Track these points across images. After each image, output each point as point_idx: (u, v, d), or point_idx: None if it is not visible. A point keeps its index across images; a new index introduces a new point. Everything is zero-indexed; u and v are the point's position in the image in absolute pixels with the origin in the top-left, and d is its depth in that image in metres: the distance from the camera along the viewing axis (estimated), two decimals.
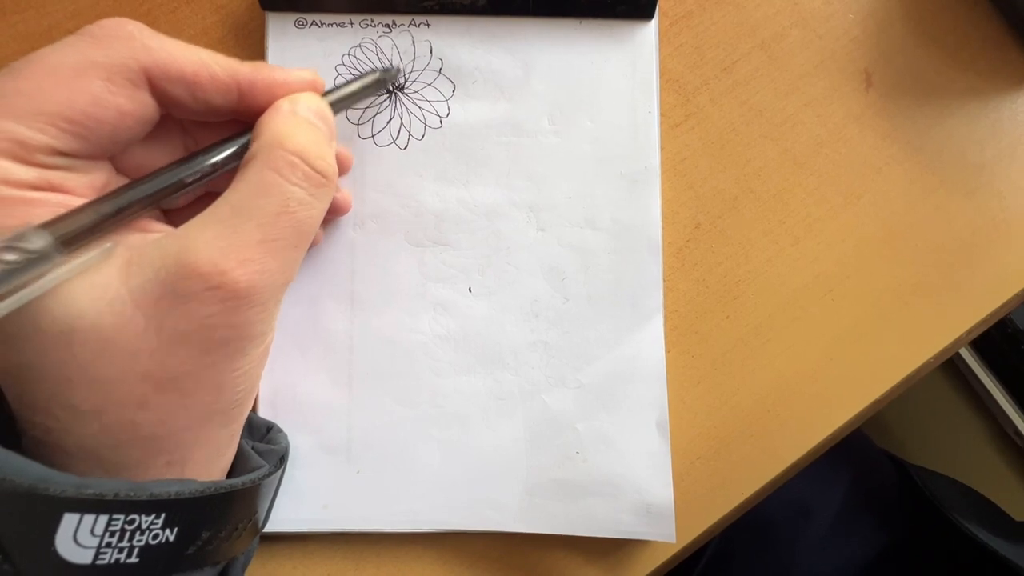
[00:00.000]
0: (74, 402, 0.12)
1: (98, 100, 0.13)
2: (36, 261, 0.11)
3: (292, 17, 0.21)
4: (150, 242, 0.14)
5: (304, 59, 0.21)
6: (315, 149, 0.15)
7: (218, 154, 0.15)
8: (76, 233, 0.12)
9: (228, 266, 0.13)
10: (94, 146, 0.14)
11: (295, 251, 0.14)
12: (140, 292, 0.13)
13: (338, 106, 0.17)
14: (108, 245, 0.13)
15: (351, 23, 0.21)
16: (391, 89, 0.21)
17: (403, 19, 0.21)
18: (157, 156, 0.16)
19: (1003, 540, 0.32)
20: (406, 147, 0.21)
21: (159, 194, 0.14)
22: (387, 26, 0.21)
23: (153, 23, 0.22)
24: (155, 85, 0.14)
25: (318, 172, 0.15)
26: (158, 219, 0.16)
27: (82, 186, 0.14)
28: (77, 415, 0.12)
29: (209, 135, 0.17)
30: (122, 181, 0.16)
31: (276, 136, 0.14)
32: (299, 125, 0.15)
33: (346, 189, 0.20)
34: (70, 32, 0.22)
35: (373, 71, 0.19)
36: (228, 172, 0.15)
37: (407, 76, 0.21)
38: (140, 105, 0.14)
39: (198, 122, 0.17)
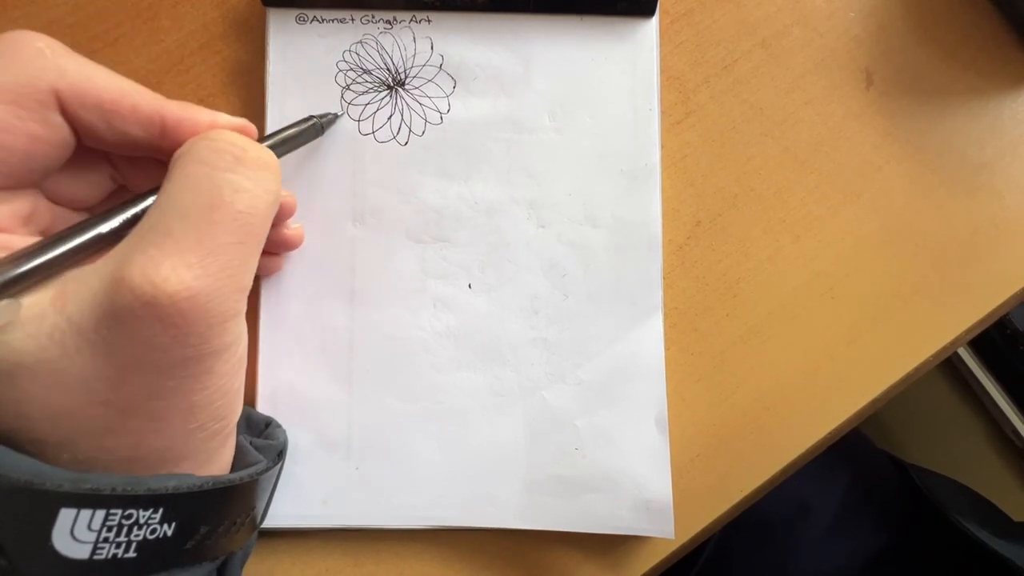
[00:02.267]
0: (39, 437, 0.12)
1: (6, 127, 0.12)
2: None
3: (293, 13, 0.21)
4: (87, 267, 0.12)
5: (305, 55, 0.21)
6: (242, 139, 0.13)
7: (145, 201, 0.13)
8: None
9: (161, 275, 0.11)
10: (7, 176, 0.13)
11: (242, 250, 0.13)
12: (80, 318, 0.12)
13: (275, 151, 0.16)
14: (4, 303, 0.11)
15: (352, 19, 0.21)
16: (391, 85, 0.21)
17: (404, 15, 0.21)
18: (83, 185, 0.15)
19: (1002, 540, 0.32)
20: (407, 143, 0.21)
21: (73, 253, 0.12)
22: (388, 22, 0.21)
23: (154, 18, 0.22)
24: (67, 109, 0.13)
25: (252, 155, 0.13)
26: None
27: (3, 217, 0.13)
28: (47, 447, 0.12)
29: (134, 170, 0.16)
30: (54, 208, 0.15)
31: (199, 136, 0.13)
32: (224, 131, 0.14)
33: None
34: (71, 27, 0.22)
35: (309, 117, 0.19)
36: None
37: (408, 72, 0.21)
38: (53, 130, 0.13)
39: (125, 156, 0.15)
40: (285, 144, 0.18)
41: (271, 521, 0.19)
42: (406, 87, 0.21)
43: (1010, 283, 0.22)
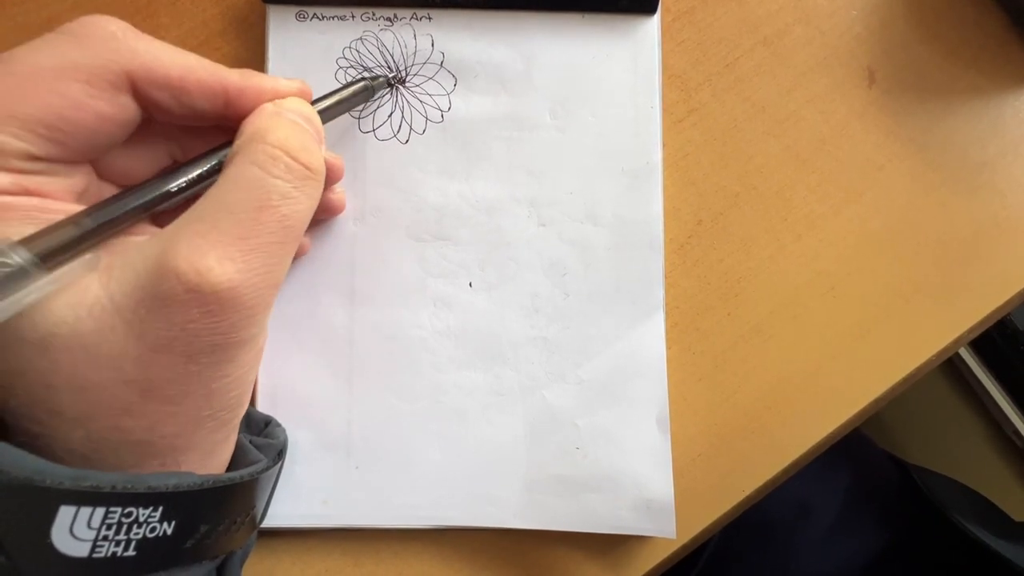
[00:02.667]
0: (59, 409, 0.12)
1: (77, 104, 0.13)
2: (14, 276, 0.11)
3: (293, 10, 0.21)
4: (133, 246, 0.13)
5: (305, 52, 0.21)
6: (297, 143, 0.14)
7: (204, 164, 0.14)
8: (56, 248, 0.12)
9: (206, 264, 0.12)
10: (72, 151, 0.13)
11: (281, 249, 0.14)
12: (121, 297, 0.12)
13: (326, 113, 0.17)
14: (88, 257, 0.12)
15: (352, 16, 0.21)
16: (392, 83, 0.21)
17: (404, 12, 0.21)
18: (139, 162, 0.16)
19: (1003, 540, 0.32)
20: (407, 141, 0.21)
21: (143, 207, 0.14)
22: (388, 19, 0.21)
23: (153, 15, 0.22)
24: (138, 89, 0.14)
25: (302, 164, 0.14)
26: (146, 222, 0.16)
27: (61, 190, 0.14)
28: (63, 421, 0.12)
29: (194, 141, 0.16)
30: (103, 185, 0.15)
31: (257, 131, 0.14)
32: (281, 122, 0.15)
33: (342, 188, 0.20)
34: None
35: (361, 78, 0.19)
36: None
37: (408, 70, 0.21)
38: (121, 109, 0.14)
39: (182, 127, 0.16)
40: (338, 106, 0.18)
41: (271, 520, 0.19)
42: (407, 84, 0.21)
43: (1012, 282, 0.22)
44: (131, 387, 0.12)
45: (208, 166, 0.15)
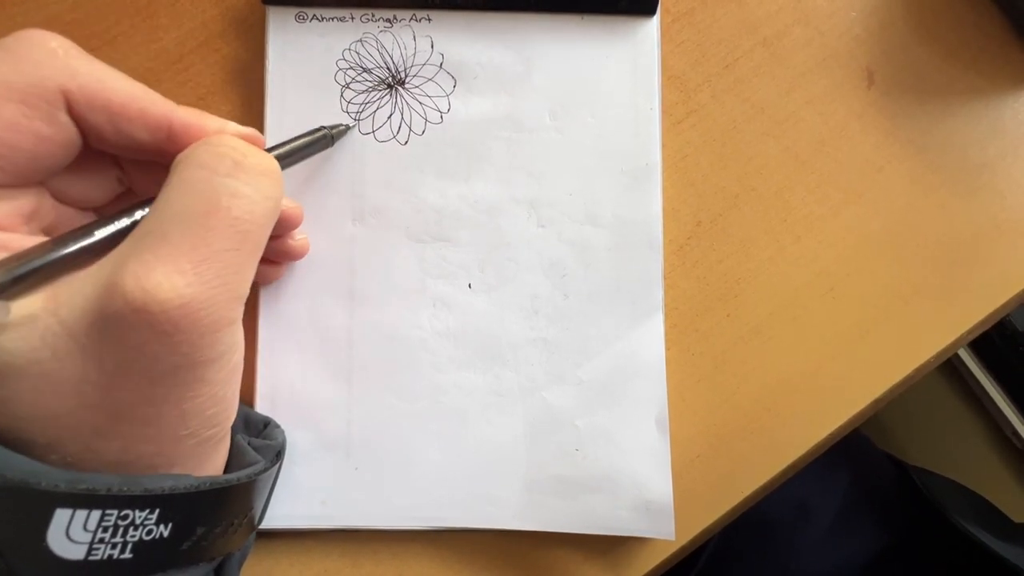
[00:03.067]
0: (28, 438, 0.12)
1: (13, 125, 0.12)
2: None
3: (293, 11, 0.21)
4: (84, 270, 0.12)
5: (305, 54, 0.21)
6: (245, 144, 0.13)
7: (143, 208, 0.13)
8: None
9: (153, 281, 0.11)
10: (12, 174, 0.13)
11: (237, 257, 0.12)
12: (72, 322, 0.11)
13: (283, 161, 0.16)
14: None
15: (352, 17, 0.21)
16: (391, 84, 0.21)
17: (404, 14, 0.21)
18: (94, 189, 0.15)
19: (1002, 541, 0.32)
20: (407, 143, 0.21)
21: (68, 259, 0.12)
22: (388, 21, 0.21)
23: (153, 16, 0.22)
24: (74, 110, 0.13)
25: (252, 161, 0.13)
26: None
27: (6, 215, 0.13)
28: (35, 447, 0.12)
29: (139, 173, 0.16)
30: (60, 207, 0.15)
31: (201, 140, 0.13)
32: (227, 134, 0.14)
33: (303, 234, 0.20)
34: (69, 25, 0.22)
35: (319, 128, 0.19)
36: None
37: (408, 71, 0.21)
38: (60, 129, 0.13)
39: (130, 159, 0.15)
40: (293, 155, 0.17)
41: (269, 522, 0.19)
42: (406, 86, 0.21)
43: (1012, 283, 0.22)
44: (97, 411, 0.12)
45: (147, 211, 0.13)
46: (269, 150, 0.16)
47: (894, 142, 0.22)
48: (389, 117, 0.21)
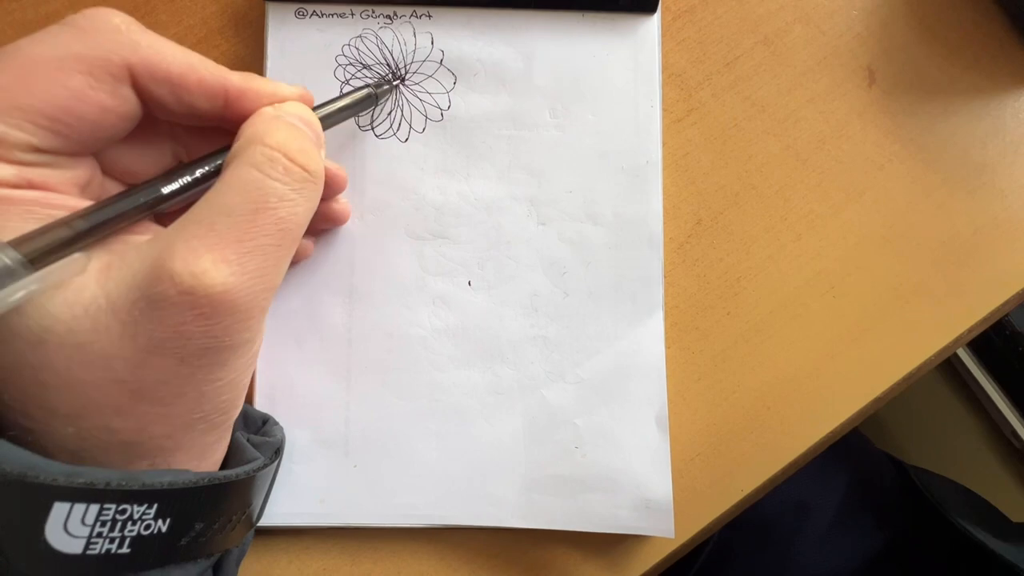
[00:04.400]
0: (50, 405, 0.12)
1: (79, 95, 0.13)
2: (2, 278, 0.11)
3: (292, 7, 0.21)
4: (132, 246, 0.13)
5: (304, 50, 0.21)
6: (296, 145, 0.14)
7: (202, 167, 0.14)
8: (47, 248, 0.12)
9: (201, 267, 0.12)
10: (75, 142, 0.13)
11: (277, 252, 0.13)
12: (117, 297, 0.12)
13: (328, 120, 0.17)
14: (76, 256, 0.12)
15: (352, 13, 0.21)
16: (394, 87, 0.21)
17: (404, 10, 0.21)
18: (143, 159, 0.16)
19: (1001, 541, 0.32)
20: (407, 140, 0.21)
21: (137, 209, 0.13)
22: (388, 17, 0.21)
23: (152, 12, 0.22)
24: (138, 83, 0.14)
25: (300, 166, 0.14)
26: (149, 221, 0.16)
27: (64, 182, 0.13)
28: (54, 417, 0.12)
29: (197, 141, 0.16)
30: (107, 181, 0.15)
31: (255, 134, 0.14)
32: (280, 125, 0.14)
33: (346, 198, 0.20)
34: None
35: (365, 85, 0.19)
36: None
37: (408, 68, 0.21)
38: (123, 101, 0.14)
39: (187, 128, 0.16)
40: (340, 113, 0.18)
41: (268, 519, 0.19)
42: (406, 83, 0.21)
43: (1011, 283, 0.22)
44: (122, 387, 0.12)
45: (206, 169, 0.15)
46: (315, 109, 0.17)
47: (895, 141, 0.22)
48: (389, 114, 0.21)
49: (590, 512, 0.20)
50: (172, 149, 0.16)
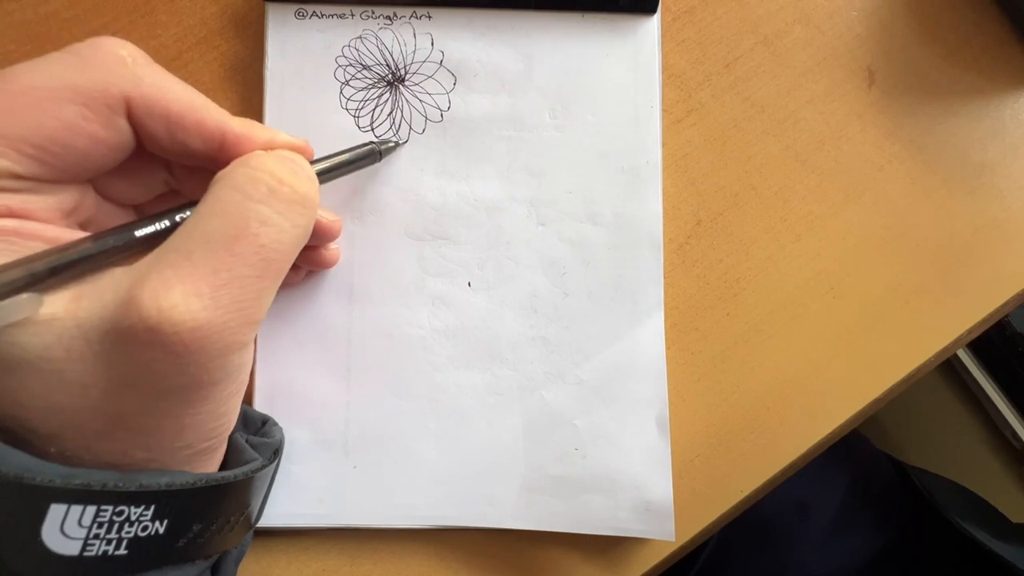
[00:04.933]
0: (33, 427, 0.12)
1: (70, 126, 0.12)
2: None
3: (292, 8, 0.20)
4: (108, 273, 0.12)
5: (304, 50, 0.20)
6: (283, 168, 0.13)
7: (186, 210, 0.14)
8: (2, 292, 0.11)
9: (170, 302, 0.11)
10: (60, 171, 0.13)
11: (258, 284, 0.12)
12: (88, 327, 0.12)
13: (327, 175, 0.17)
14: (25, 297, 0.11)
15: (352, 14, 0.21)
16: (391, 81, 0.21)
17: (404, 11, 0.21)
18: (136, 187, 0.15)
19: (1000, 541, 0.32)
20: (406, 140, 0.21)
21: (105, 255, 0.12)
22: (388, 18, 0.21)
23: (151, 12, 0.22)
24: (134, 116, 0.13)
25: (288, 187, 0.13)
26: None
27: (45, 210, 0.13)
28: (36, 437, 0.12)
29: (191, 180, 0.16)
30: (102, 204, 0.15)
31: (241, 160, 0.13)
32: (269, 153, 0.14)
33: (336, 245, 0.20)
34: (68, 22, 0.22)
35: (368, 143, 0.19)
36: None
37: (408, 68, 0.21)
38: (116, 133, 0.13)
39: (181, 164, 0.16)
40: (337, 169, 0.17)
41: (267, 520, 0.19)
42: (406, 83, 0.21)
43: (1011, 283, 0.22)
44: (100, 414, 0.12)
45: (187, 214, 0.14)
46: (314, 162, 0.16)
47: (894, 142, 0.22)
48: (389, 115, 0.21)
49: (590, 513, 0.20)
50: (164, 179, 0.16)
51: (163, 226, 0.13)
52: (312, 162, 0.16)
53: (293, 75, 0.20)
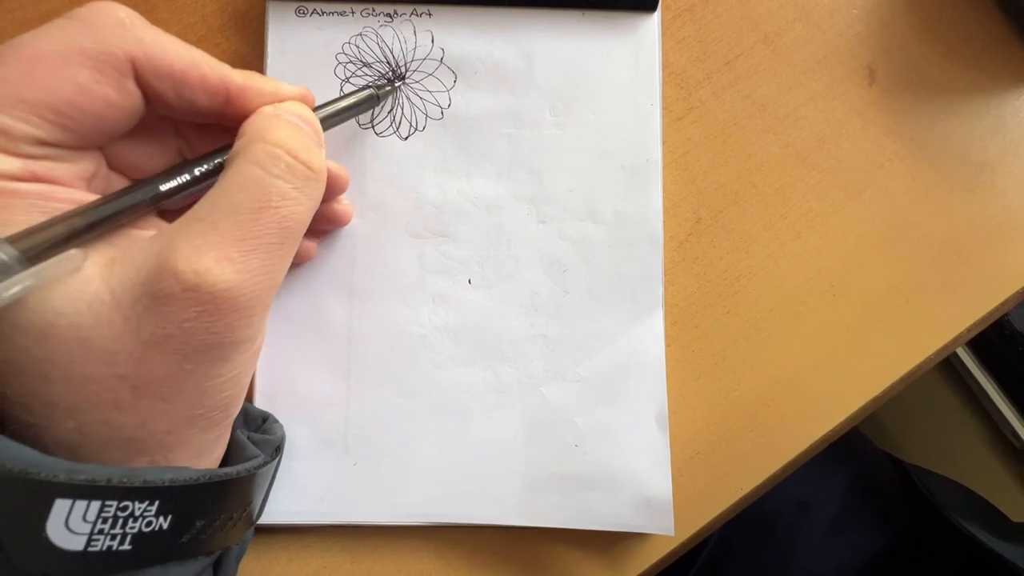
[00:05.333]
0: (51, 399, 0.12)
1: (84, 89, 0.13)
2: None
3: (292, 5, 0.21)
4: (136, 241, 0.13)
5: (304, 48, 0.21)
6: (298, 143, 0.14)
7: (202, 165, 0.14)
8: (44, 246, 0.12)
9: (204, 265, 0.12)
10: (80, 136, 0.13)
11: (279, 250, 0.14)
12: (120, 292, 0.12)
13: (329, 121, 0.17)
14: (72, 252, 0.12)
15: (352, 11, 0.21)
16: (392, 78, 0.21)
17: (405, 8, 0.21)
18: (148, 155, 0.16)
19: (1000, 540, 0.32)
20: (407, 138, 0.21)
21: (136, 207, 0.14)
22: (388, 15, 0.21)
23: (152, 10, 0.22)
24: (141, 77, 0.14)
25: (303, 163, 0.14)
26: (153, 216, 0.16)
27: (69, 176, 0.14)
28: (55, 412, 0.12)
29: (200, 138, 0.16)
30: (111, 175, 0.15)
31: (258, 132, 0.14)
32: (281, 123, 0.15)
33: (348, 200, 0.20)
34: None
35: (366, 86, 0.19)
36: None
37: (408, 66, 0.21)
38: (127, 96, 0.14)
39: (190, 124, 0.16)
40: (341, 113, 0.18)
41: (268, 517, 0.19)
42: (407, 81, 0.21)
43: (1012, 281, 0.22)
44: (124, 382, 0.12)
45: (204, 168, 0.15)
46: (316, 109, 0.17)
47: (895, 139, 0.22)
48: (390, 112, 0.21)
49: (590, 510, 0.20)
50: (176, 145, 0.16)
51: (184, 180, 0.14)
52: (315, 109, 0.17)
53: (294, 72, 0.20)
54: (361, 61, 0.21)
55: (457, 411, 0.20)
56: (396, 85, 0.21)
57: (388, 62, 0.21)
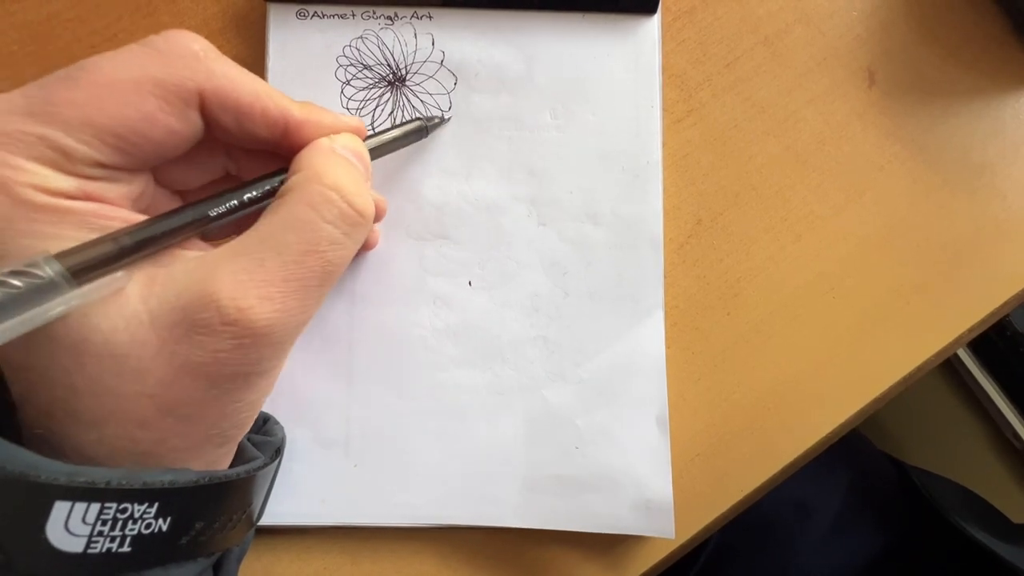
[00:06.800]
0: (76, 410, 0.12)
1: (150, 118, 0.13)
2: (42, 289, 0.11)
3: (293, 8, 0.21)
4: (180, 262, 0.13)
5: (305, 51, 0.21)
6: (353, 186, 0.14)
7: (251, 191, 0.15)
8: (91, 264, 0.12)
9: (248, 302, 0.12)
10: (137, 160, 0.14)
11: (318, 291, 0.14)
12: (158, 313, 0.12)
13: (377, 151, 0.17)
14: (119, 275, 0.12)
15: (353, 14, 0.21)
16: (392, 81, 0.21)
17: (405, 11, 0.21)
18: (195, 172, 0.16)
19: (1001, 542, 0.32)
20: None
21: (183, 230, 0.14)
22: (389, 18, 0.21)
23: (153, 13, 0.22)
24: (206, 108, 0.14)
25: (355, 210, 0.14)
26: (197, 238, 0.16)
27: (119, 196, 0.14)
28: (78, 423, 0.12)
29: (249, 160, 0.17)
30: (158, 191, 0.16)
31: (314, 170, 0.14)
32: (337, 161, 0.15)
33: (379, 226, 0.20)
34: (70, 22, 0.22)
35: (415, 119, 0.19)
36: (261, 209, 0.15)
37: (409, 68, 0.21)
38: (189, 125, 0.14)
39: (241, 148, 0.16)
40: (389, 145, 0.18)
41: (268, 519, 0.19)
42: (407, 83, 0.21)
43: (1012, 283, 0.22)
44: (151, 401, 0.12)
45: (253, 194, 0.15)
46: (366, 139, 0.17)
47: (895, 142, 0.22)
48: (390, 114, 0.21)
49: (590, 512, 0.20)
50: (224, 164, 0.17)
51: (233, 204, 0.14)
52: (365, 139, 0.17)
53: (294, 75, 0.20)
54: (362, 64, 0.21)
55: (457, 413, 0.20)
56: (446, 119, 0.21)
57: (389, 64, 0.21)
